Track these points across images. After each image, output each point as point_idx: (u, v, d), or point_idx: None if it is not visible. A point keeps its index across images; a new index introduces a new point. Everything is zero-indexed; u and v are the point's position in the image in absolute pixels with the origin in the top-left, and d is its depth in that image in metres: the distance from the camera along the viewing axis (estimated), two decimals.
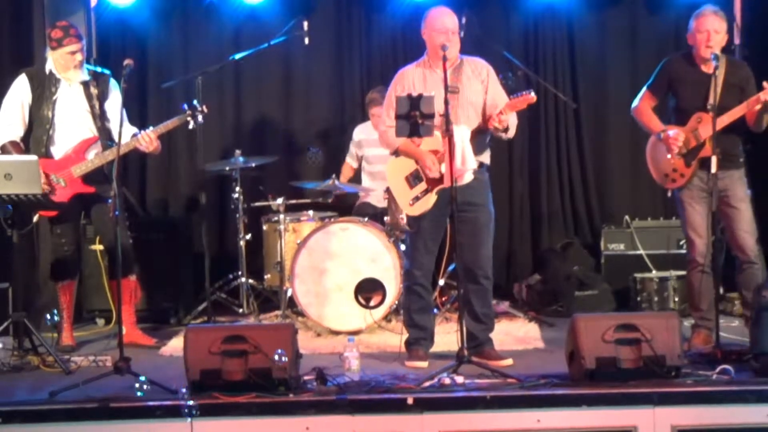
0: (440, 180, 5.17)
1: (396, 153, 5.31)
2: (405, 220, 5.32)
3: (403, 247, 6.36)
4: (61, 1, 6.84)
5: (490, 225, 5.30)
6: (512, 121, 5.16)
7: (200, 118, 5.75)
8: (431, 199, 5.21)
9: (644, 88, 5.57)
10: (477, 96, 5.23)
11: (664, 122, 5.49)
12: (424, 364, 5.12)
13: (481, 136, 5.24)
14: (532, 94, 5.19)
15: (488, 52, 7.26)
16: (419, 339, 5.28)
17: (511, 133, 5.24)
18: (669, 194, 5.57)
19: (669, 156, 5.38)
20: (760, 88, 5.13)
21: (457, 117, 5.10)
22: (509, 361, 5.12)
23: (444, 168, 5.11)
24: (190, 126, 5.77)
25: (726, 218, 5.38)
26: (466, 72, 5.23)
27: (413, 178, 5.25)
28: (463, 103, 5.15)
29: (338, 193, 6.93)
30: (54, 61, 5.71)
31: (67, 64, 5.69)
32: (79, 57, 5.69)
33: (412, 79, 5.27)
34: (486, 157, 5.33)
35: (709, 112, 5.11)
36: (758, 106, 5.16)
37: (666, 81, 5.47)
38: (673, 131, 5.35)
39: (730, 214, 5.34)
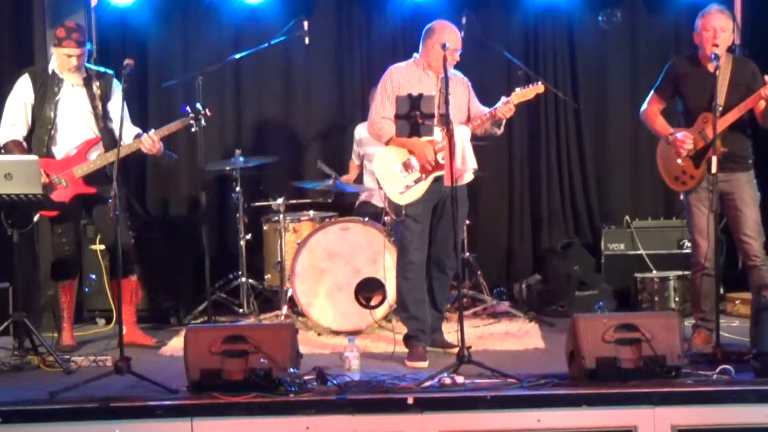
0: (436, 167, 5.23)
1: (387, 143, 5.36)
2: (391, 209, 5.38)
3: None
4: (61, 1, 6.85)
5: (464, 221, 5.61)
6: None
7: (203, 120, 5.75)
8: (424, 186, 5.28)
9: (651, 92, 5.55)
10: (464, 102, 5.43)
11: (674, 126, 5.47)
12: (424, 364, 5.11)
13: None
14: (539, 84, 5.24)
15: (488, 52, 7.32)
16: (418, 332, 5.28)
17: (502, 129, 5.50)
18: (681, 197, 5.53)
19: (678, 159, 5.38)
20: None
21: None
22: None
23: (440, 157, 5.22)
24: (193, 129, 5.77)
25: (731, 222, 5.36)
26: (452, 80, 5.29)
27: (405, 167, 5.30)
28: (454, 109, 5.19)
29: (338, 192, 6.96)
30: (55, 58, 5.72)
31: (62, 64, 5.69)
32: (74, 62, 5.66)
33: (408, 76, 5.36)
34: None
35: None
36: (762, 102, 5.16)
37: (672, 82, 5.45)
38: (681, 133, 5.34)
39: (734, 217, 5.32)
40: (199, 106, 5.75)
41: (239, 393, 4.35)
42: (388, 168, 5.35)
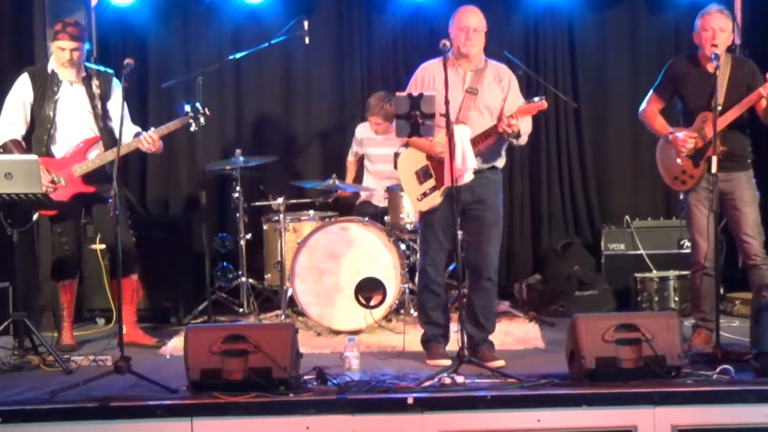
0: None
1: (407, 144, 5.28)
2: (406, 219, 5.31)
3: (403, 246, 6.38)
4: (61, 1, 6.84)
5: (497, 225, 5.23)
6: (524, 128, 5.13)
7: (202, 120, 5.75)
8: (438, 195, 5.20)
9: (651, 91, 5.55)
10: (495, 101, 5.21)
11: (673, 125, 5.47)
12: (447, 361, 5.00)
13: (498, 142, 5.18)
14: (544, 101, 5.18)
15: (488, 52, 7.30)
16: (437, 336, 5.26)
17: (523, 140, 5.20)
18: (681, 197, 5.53)
19: (678, 159, 5.37)
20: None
21: (469, 118, 5.11)
22: (501, 362, 5.05)
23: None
24: (192, 128, 5.76)
25: (731, 221, 5.36)
26: (488, 75, 5.18)
27: (423, 174, 5.25)
28: (479, 106, 5.11)
29: (342, 195, 6.96)
30: (53, 55, 5.72)
31: (57, 59, 5.69)
32: (67, 56, 5.65)
33: (433, 74, 5.21)
34: (500, 162, 5.28)
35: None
36: (763, 101, 5.16)
37: (671, 82, 5.45)
38: (680, 133, 5.34)
39: (734, 217, 5.32)
40: (198, 105, 5.75)
41: (239, 393, 4.34)
42: (408, 173, 5.27)
